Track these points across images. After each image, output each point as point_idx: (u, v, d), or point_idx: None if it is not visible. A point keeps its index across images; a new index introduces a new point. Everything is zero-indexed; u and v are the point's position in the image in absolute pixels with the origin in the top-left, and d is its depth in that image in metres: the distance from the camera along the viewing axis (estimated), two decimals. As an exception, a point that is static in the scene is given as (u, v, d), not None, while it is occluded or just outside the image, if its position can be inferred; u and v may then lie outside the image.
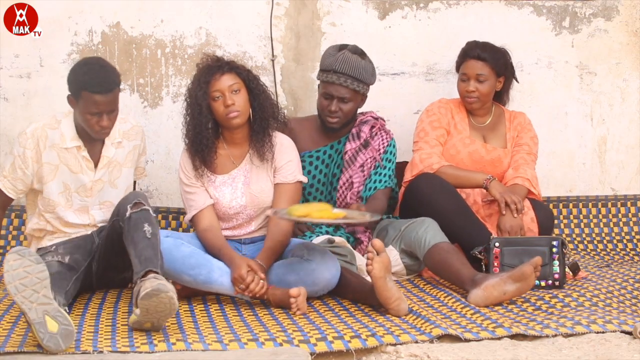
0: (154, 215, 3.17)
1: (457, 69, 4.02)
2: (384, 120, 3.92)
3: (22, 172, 3.36)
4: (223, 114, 3.37)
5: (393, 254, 3.57)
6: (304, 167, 3.69)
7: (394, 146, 3.84)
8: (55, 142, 3.35)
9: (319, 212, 3.11)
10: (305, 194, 3.80)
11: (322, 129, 3.78)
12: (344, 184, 3.73)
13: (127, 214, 3.12)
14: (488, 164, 3.97)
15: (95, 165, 3.41)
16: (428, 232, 3.48)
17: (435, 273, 3.56)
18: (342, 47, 3.69)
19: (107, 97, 3.21)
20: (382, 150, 3.77)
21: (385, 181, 3.76)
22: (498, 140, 4.04)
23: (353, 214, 3.22)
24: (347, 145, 3.75)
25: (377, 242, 3.03)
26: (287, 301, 3.12)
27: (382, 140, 3.79)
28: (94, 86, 3.19)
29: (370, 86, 3.77)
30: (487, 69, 3.92)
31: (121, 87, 3.35)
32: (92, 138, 3.36)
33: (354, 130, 3.79)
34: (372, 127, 3.79)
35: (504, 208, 3.69)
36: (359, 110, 3.84)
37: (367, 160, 3.73)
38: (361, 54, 3.70)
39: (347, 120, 3.72)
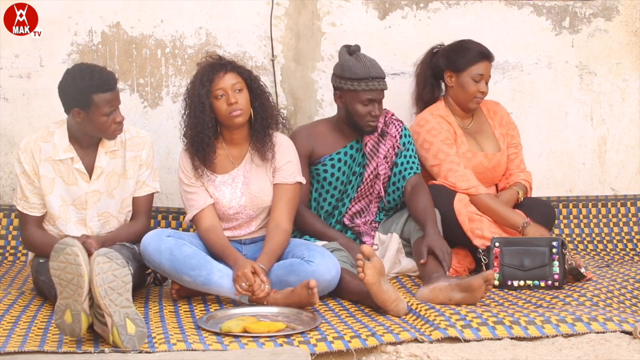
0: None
1: (463, 68, 3.93)
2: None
3: (32, 186, 3.36)
4: (226, 112, 3.37)
5: (395, 241, 3.63)
6: (325, 171, 3.71)
7: (409, 134, 3.83)
8: (49, 155, 3.35)
9: (257, 325, 2.86)
10: (324, 193, 3.76)
11: (340, 131, 3.75)
12: (369, 174, 3.74)
13: None
14: (489, 172, 3.99)
15: (90, 176, 3.39)
16: None
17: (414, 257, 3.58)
18: (351, 52, 3.68)
19: (115, 92, 3.27)
20: (398, 137, 3.77)
21: (416, 165, 3.78)
22: (490, 143, 4.04)
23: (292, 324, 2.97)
24: (365, 137, 3.75)
25: (366, 247, 3.03)
26: (287, 305, 3.12)
27: (397, 128, 3.79)
28: (103, 86, 3.23)
29: None
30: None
31: (121, 87, 3.36)
32: (86, 146, 3.36)
33: None
34: (385, 116, 3.79)
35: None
36: None
37: (388, 150, 3.75)
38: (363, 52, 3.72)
39: None
